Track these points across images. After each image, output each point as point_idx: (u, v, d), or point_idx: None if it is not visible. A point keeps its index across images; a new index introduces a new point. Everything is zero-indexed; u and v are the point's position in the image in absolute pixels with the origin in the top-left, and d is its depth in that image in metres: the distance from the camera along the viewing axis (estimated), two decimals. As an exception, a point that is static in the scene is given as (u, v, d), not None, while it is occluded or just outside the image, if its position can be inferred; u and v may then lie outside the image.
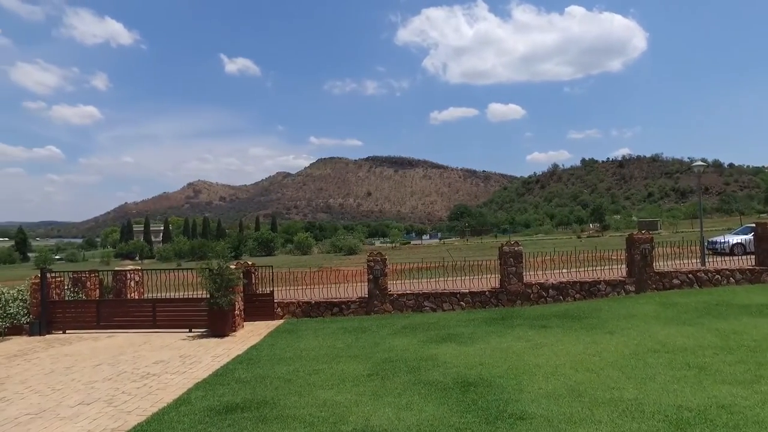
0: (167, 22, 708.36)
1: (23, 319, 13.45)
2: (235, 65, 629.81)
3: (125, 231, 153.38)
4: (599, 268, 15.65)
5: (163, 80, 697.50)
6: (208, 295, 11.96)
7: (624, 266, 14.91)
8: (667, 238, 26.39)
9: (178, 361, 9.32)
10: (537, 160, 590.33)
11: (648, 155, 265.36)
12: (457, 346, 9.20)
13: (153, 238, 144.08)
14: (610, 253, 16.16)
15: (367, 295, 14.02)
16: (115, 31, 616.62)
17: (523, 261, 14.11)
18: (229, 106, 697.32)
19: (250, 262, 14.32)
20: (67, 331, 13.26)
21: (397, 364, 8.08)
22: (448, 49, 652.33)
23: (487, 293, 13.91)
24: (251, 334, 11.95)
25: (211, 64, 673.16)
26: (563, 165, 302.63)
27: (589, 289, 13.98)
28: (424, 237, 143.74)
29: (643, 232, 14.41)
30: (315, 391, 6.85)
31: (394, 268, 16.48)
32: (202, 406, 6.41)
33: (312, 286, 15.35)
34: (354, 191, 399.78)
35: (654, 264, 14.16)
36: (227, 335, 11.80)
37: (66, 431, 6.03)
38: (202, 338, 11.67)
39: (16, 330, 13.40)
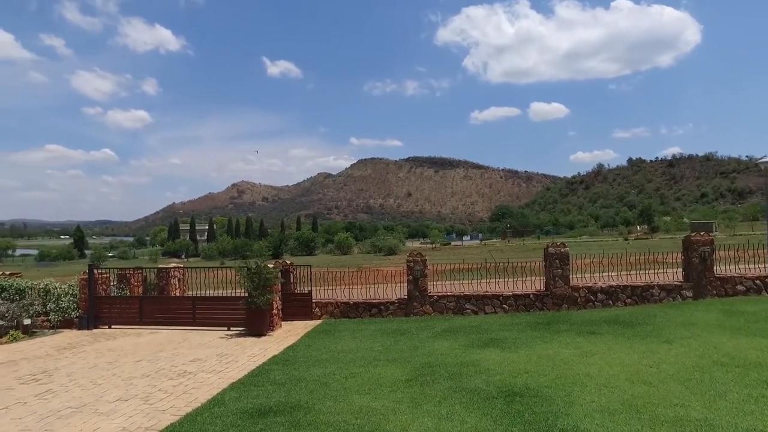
0: (212, 27, 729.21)
1: (73, 313, 13.85)
2: (277, 68, 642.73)
3: (172, 230, 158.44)
4: (651, 271, 14.79)
5: (209, 84, 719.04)
6: (246, 294, 11.92)
7: (679, 270, 14.00)
8: (725, 241, 24.86)
9: (215, 360, 9.27)
10: (581, 160, 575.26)
11: (700, 154, 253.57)
12: (501, 351, 8.75)
13: (198, 237, 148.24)
14: (663, 256, 15.23)
15: (406, 297, 13.69)
16: (164, 37, 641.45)
17: (570, 263, 13.45)
18: (271, 108, 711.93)
19: (288, 261, 14.25)
20: (112, 326, 13.54)
21: (437, 369, 7.72)
22: (488, 48, 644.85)
23: (531, 296, 13.33)
24: (288, 334, 11.83)
25: (254, 67, 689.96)
26: (608, 165, 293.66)
27: (641, 294, 13.18)
28: (464, 238, 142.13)
29: (701, 233, 13.47)
30: (351, 396, 6.58)
31: (434, 268, 16.11)
32: (236, 408, 6.25)
33: (351, 287, 15.15)
34: (394, 192, 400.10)
35: (714, 268, 13.22)
36: (264, 334, 11.72)
37: (103, 427, 5.99)
38: (239, 337, 11.64)
39: (67, 323, 13.81)
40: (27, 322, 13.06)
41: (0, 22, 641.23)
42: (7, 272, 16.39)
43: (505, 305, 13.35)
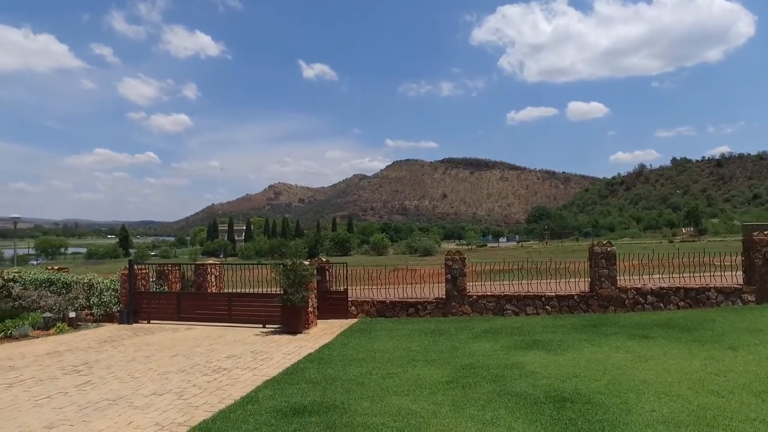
0: (250, 32, 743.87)
1: (114, 307, 14.09)
2: (312, 71, 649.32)
3: (211, 230, 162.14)
4: (706, 274, 13.90)
5: (246, 88, 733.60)
6: (282, 291, 11.80)
7: (737, 273, 13.09)
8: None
9: (250, 357, 9.13)
10: (621, 161, 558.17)
11: (753, 153, 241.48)
12: (546, 354, 8.28)
13: (236, 237, 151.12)
14: (717, 258, 14.28)
15: (444, 296, 13.30)
16: (204, 43, 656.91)
17: (617, 263, 12.78)
18: (307, 111, 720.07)
19: (324, 259, 14.09)
20: (151, 321, 13.68)
21: (479, 371, 7.33)
22: (525, 47, 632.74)
23: (575, 297, 12.72)
24: (324, 332, 11.64)
25: (290, 70, 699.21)
26: (651, 165, 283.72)
27: (695, 297, 12.39)
28: (500, 240, 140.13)
29: (765, 233, 12.55)
30: (388, 397, 6.27)
31: (472, 269, 15.63)
32: (269, 406, 6.03)
33: (387, 286, 14.86)
34: (429, 193, 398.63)
35: (777, 270, 12.30)
36: (300, 332, 11.56)
37: (137, 421, 5.88)
38: (274, 334, 11.51)
39: (109, 317, 14.05)
40: (72, 315, 13.34)
41: (57, 33, 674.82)
42: (56, 267, 16.89)
43: (547, 306, 12.79)
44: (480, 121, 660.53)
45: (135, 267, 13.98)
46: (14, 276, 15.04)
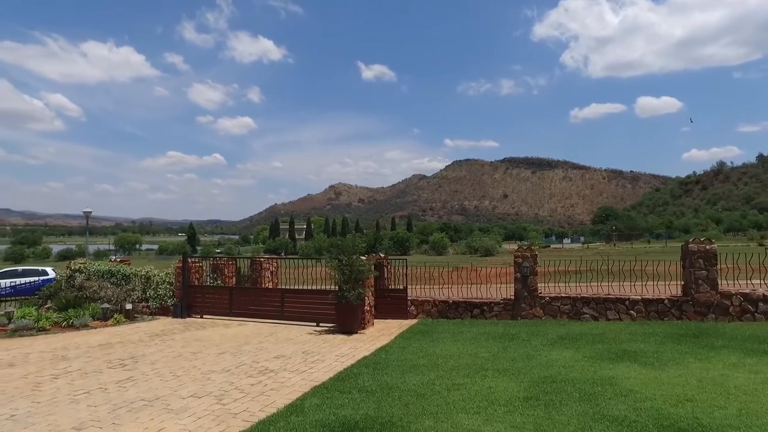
0: (310, 35, 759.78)
1: (169, 301, 13.87)
2: (371, 72, 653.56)
3: (273, 229, 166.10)
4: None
5: (307, 90, 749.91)
6: (337, 288, 11.02)
7: None
8: None
9: (300, 358, 8.38)
10: (696, 158, 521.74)
11: None
12: (641, 368, 6.96)
13: (297, 236, 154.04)
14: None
15: (513, 297, 12.08)
16: (267, 48, 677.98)
17: (718, 263, 11.06)
18: (366, 112, 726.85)
19: (382, 255, 13.21)
20: (204, 316, 13.33)
21: (563, 386, 6.16)
22: (589, 41, 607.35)
23: (665, 302, 11.12)
24: (381, 333, 10.75)
25: (349, 72, 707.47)
26: (732, 162, 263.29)
27: (816, 305, 10.49)
28: (564, 240, 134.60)
29: None
30: (456, 414, 5.25)
31: (540, 269, 14.20)
32: (315, 420, 5.17)
33: (449, 285, 13.78)
34: (490, 193, 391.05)
35: None
36: (355, 332, 10.74)
37: (168, 428, 5.21)
38: (328, 333, 10.75)
39: (164, 310, 13.86)
40: (129, 306, 13.22)
41: (135, 45, 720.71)
42: (117, 259, 17.07)
43: (631, 311, 11.27)
44: (542, 120, 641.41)
45: (188, 261, 13.69)
46: (80, 267, 15.24)
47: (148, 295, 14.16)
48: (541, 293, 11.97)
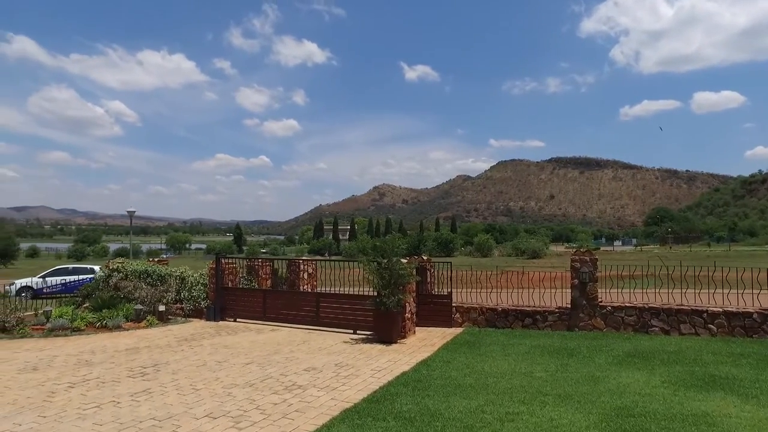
0: (353, 38, 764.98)
1: (203, 303, 13.41)
2: (414, 72, 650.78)
3: (317, 230, 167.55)
4: None
5: (351, 92, 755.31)
6: (375, 293, 10.17)
7: None
8: None
9: (332, 372, 7.56)
10: (761, 156, 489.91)
11: None
12: (742, 402, 5.73)
13: (340, 237, 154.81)
14: None
15: (569, 305, 10.90)
16: (311, 51, 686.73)
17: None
18: (409, 112, 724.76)
19: (424, 257, 12.26)
20: (237, 319, 12.76)
21: (644, 422, 5.05)
22: (641, 35, 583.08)
23: (754, 316, 9.66)
24: (423, 343, 9.81)
25: (392, 73, 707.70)
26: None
27: None
28: (615, 243, 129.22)
29: None
30: (513, 457, 4.27)
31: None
32: (341, 458, 4.31)
33: (494, 289, 12.66)
34: (536, 194, 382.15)
35: None
36: (394, 342, 9.85)
37: (177, 458, 4.48)
38: (364, 343, 9.90)
39: (198, 313, 13.41)
40: (162, 308, 12.82)
41: (186, 52, 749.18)
42: (155, 259, 16.85)
43: (710, 325, 9.88)
44: (590, 118, 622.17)
45: (222, 261, 13.17)
46: (117, 266, 15.04)
47: (182, 296, 13.76)
48: (601, 302, 10.72)
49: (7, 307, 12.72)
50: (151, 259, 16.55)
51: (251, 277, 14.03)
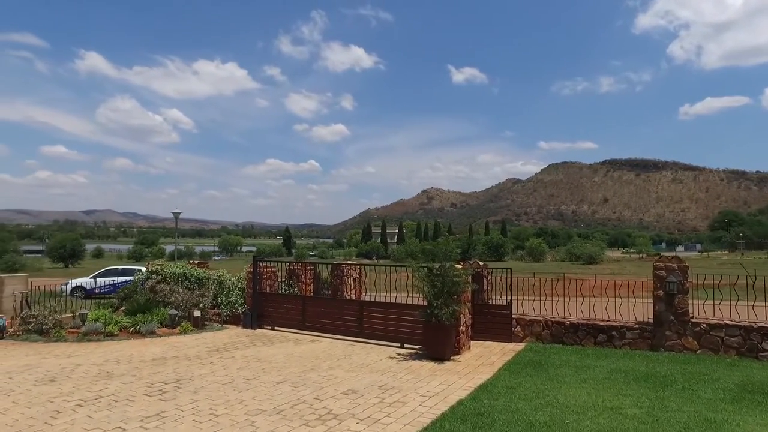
0: (400, 41, 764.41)
1: (240, 309, 12.61)
2: (462, 75, 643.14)
3: (365, 233, 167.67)
4: None
5: (399, 95, 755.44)
6: (425, 303, 8.96)
7: None
8: None
9: (374, 396, 6.41)
10: None
11: None
12: None
13: (389, 240, 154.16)
14: None
15: (651, 320, 9.30)
16: (358, 56, 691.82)
17: None
18: (457, 115, 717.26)
19: (480, 263, 10.92)
20: (275, 328, 11.85)
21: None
22: (704, 28, 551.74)
23: None
24: (480, 362, 8.52)
25: (439, 75, 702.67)
26: None
27: None
28: (677, 248, 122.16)
29: None
30: None
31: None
32: None
33: (551, 297, 11.10)
34: (588, 197, 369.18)
35: None
36: (447, 359, 8.61)
37: None
38: (413, 359, 8.70)
39: (235, 319, 12.62)
40: (197, 314, 12.09)
41: (239, 60, 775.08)
42: (195, 261, 16.28)
43: (835, 349, 8.07)
44: (646, 118, 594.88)
45: (260, 264, 12.31)
46: (156, 268, 14.52)
47: (219, 301, 13.01)
48: (692, 317, 9.07)
49: (47, 309, 12.37)
50: (191, 261, 15.98)
51: (292, 281, 13.10)
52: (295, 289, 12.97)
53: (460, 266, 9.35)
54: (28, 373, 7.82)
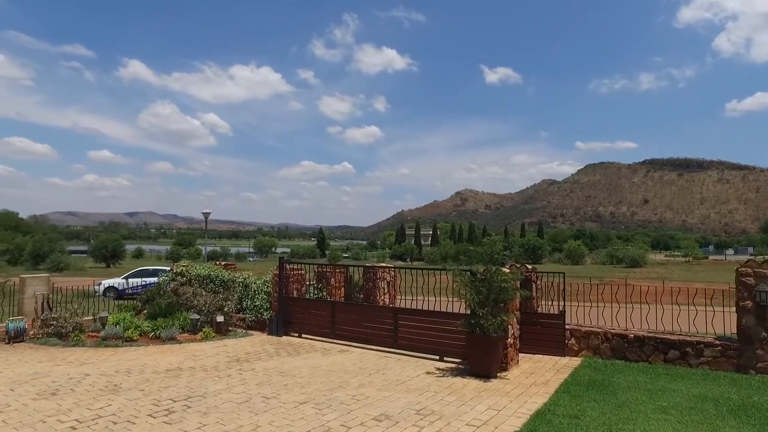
0: (433, 43, 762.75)
1: (265, 314, 11.79)
2: (495, 75, 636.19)
3: (399, 234, 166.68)
4: None
5: (432, 97, 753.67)
6: (468, 311, 7.89)
7: None
8: None
9: (411, 424, 5.39)
10: None
11: None
12: None
13: (422, 242, 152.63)
14: None
15: (737, 335, 7.96)
16: (391, 58, 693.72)
17: None
18: (491, 116, 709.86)
19: (528, 266, 9.73)
20: (303, 335, 10.96)
21: None
22: (754, 19, 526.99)
23: None
24: (532, 380, 7.39)
25: (472, 76, 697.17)
26: None
27: None
28: (727, 251, 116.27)
29: None
30: None
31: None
32: None
33: (599, 304, 9.80)
34: (627, 198, 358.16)
35: None
36: (493, 376, 7.52)
37: None
38: (454, 376, 7.64)
39: (260, 325, 11.82)
40: (220, 319, 11.32)
41: (273, 65, 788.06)
42: (222, 262, 15.62)
43: None
44: (689, 115, 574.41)
45: (286, 267, 11.45)
46: (181, 270, 13.89)
47: (245, 305, 12.24)
48: (786, 333, 7.68)
49: (67, 311, 11.85)
50: (217, 262, 15.31)
51: (321, 285, 12.21)
52: (324, 294, 12.08)
53: (507, 269, 8.24)
54: (32, 384, 7.14)
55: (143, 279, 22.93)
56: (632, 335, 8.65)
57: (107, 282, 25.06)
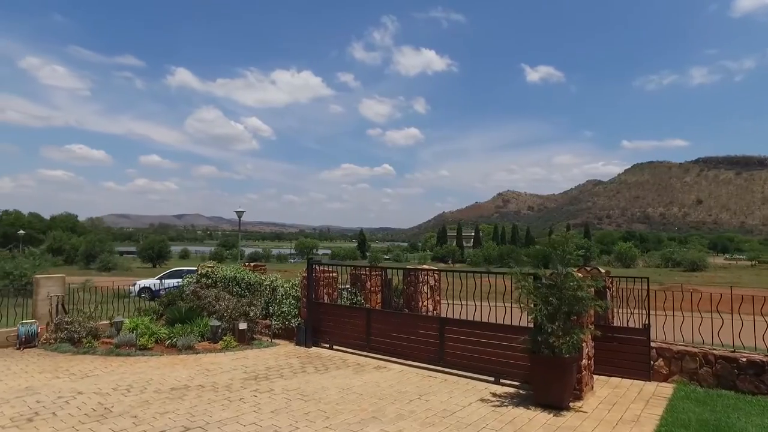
0: (473, 43, 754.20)
1: (293, 320, 10.53)
2: (537, 74, 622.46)
3: (440, 236, 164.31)
4: None
5: (472, 97, 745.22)
6: (532, 325, 6.33)
7: None
8: None
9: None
10: None
11: None
12: None
13: (464, 244, 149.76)
14: None
15: None
16: (430, 59, 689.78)
17: None
18: (532, 116, 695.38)
19: (601, 269, 8.02)
20: (334, 346, 9.61)
21: None
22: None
23: None
24: (616, 414, 5.76)
25: (513, 76, 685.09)
26: None
27: None
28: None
29: None
30: None
31: None
32: None
33: (674, 313, 7.91)
34: (679, 199, 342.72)
35: None
36: (565, 407, 5.93)
37: None
38: (515, 405, 6.08)
39: (288, 332, 10.56)
40: (242, 326, 10.10)
41: (313, 69, 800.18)
42: (250, 263, 14.53)
43: None
44: (747, 110, 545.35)
45: (316, 269, 10.14)
46: (207, 271, 12.84)
47: (271, 311, 11.02)
48: None
49: (83, 315, 10.96)
50: (246, 264, 14.21)
51: (355, 289, 10.83)
52: (360, 299, 10.69)
53: (580, 274, 6.63)
54: (12, 405, 6.06)
55: (177, 280, 22.26)
56: (744, 359, 6.84)
57: (142, 282, 24.63)
